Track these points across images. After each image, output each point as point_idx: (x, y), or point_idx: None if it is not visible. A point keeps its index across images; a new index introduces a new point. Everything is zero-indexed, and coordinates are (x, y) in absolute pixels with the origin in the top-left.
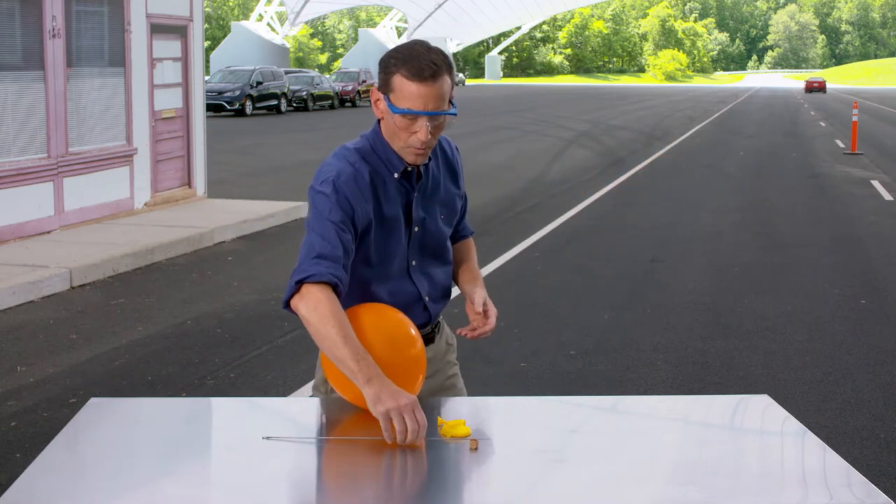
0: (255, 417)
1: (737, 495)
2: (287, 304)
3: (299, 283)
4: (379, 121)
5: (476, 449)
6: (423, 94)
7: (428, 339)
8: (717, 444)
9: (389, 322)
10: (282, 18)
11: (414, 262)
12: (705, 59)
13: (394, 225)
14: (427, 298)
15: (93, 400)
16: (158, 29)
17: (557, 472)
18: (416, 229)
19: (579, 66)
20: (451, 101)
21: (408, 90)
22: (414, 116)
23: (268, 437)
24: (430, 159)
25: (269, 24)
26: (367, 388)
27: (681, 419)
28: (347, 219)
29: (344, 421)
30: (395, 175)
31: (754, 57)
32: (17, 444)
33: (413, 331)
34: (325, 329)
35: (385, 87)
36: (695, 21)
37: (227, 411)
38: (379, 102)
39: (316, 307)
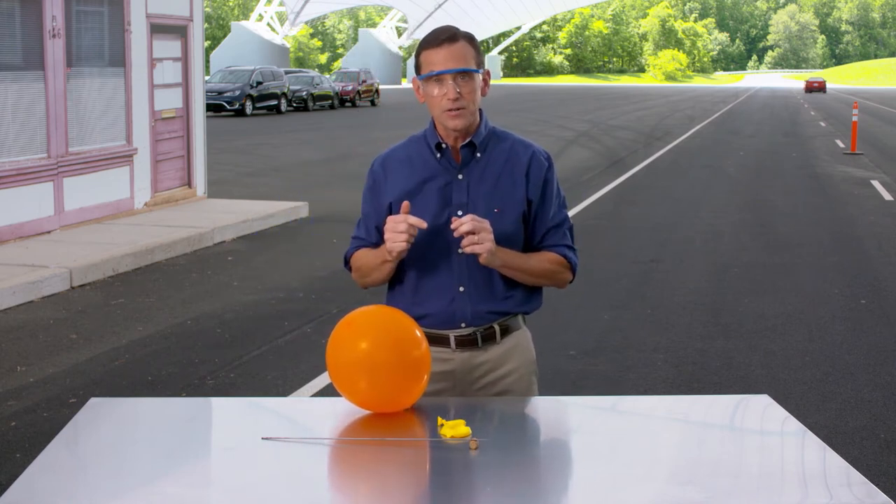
0: (255, 417)
1: (737, 495)
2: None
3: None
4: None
5: (476, 449)
6: (442, 56)
7: (468, 342)
8: (717, 444)
9: (394, 323)
10: (282, 18)
11: (460, 250)
12: (705, 59)
13: (427, 202)
14: (462, 289)
15: (93, 400)
16: (158, 29)
17: (557, 472)
18: (460, 213)
19: (579, 66)
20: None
21: (430, 58)
22: (440, 79)
23: (266, 438)
24: (483, 149)
25: (269, 24)
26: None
27: (681, 419)
28: (373, 198)
29: (343, 421)
30: (437, 155)
31: (754, 57)
32: (17, 444)
33: (418, 333)
34: (359, 266)
35: (417, 69)
36: (695, 21)
37: (226, 411)
38: (419, 89)
39: (355, 267)
